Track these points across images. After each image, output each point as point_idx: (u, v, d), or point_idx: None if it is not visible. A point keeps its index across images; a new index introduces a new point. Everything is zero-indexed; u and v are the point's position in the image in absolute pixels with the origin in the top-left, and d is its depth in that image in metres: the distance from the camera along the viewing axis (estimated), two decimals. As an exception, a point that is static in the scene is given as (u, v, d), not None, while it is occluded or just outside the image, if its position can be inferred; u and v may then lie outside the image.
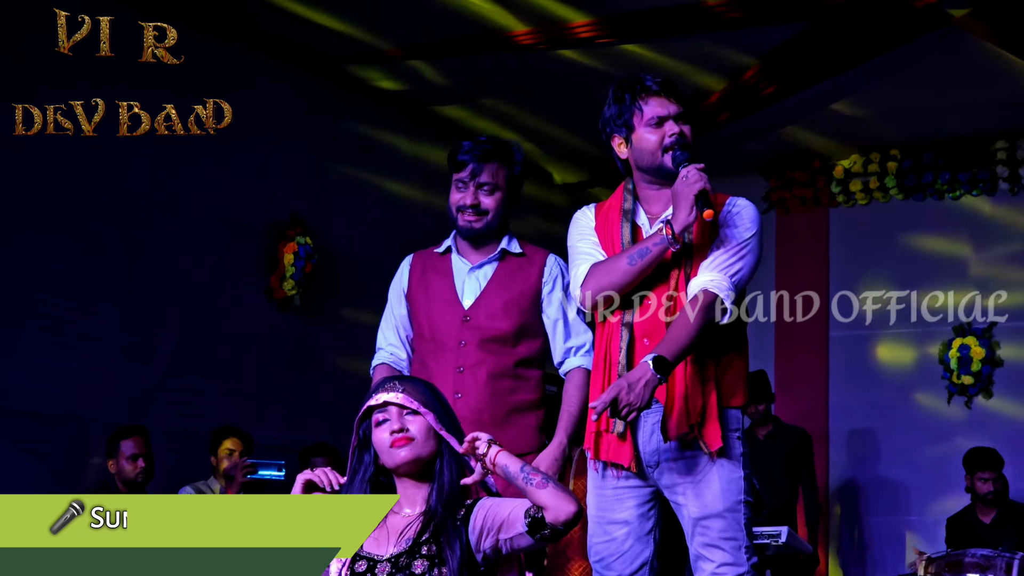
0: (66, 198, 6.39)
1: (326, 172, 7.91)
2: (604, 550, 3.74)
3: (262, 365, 7.36)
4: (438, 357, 4.12)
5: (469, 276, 4.19)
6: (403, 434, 3.15)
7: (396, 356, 4.27)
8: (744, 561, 3.61)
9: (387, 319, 4.31)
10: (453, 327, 4.12)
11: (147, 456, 6.13)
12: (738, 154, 8.80)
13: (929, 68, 7.61)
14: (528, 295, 4.16)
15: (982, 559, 6.24)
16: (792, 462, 7.79)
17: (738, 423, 3.67)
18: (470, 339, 4.10)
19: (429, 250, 4.32)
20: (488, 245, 4.20)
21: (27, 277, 6.24)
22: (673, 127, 3.67)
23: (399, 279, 4.31)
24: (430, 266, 4.25)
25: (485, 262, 4.19)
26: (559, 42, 7.29)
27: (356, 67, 7.73)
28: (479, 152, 4.13)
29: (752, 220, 3.69)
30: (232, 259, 7.24)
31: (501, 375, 4.06)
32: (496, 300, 4.14)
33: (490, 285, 4.17)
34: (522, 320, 4.13)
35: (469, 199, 4.13)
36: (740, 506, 3.62)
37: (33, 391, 6.23)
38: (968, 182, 8.86)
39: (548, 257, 4.23)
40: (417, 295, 4.22)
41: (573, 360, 4.17)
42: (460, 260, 4.22)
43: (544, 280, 4.18)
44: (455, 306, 4.15)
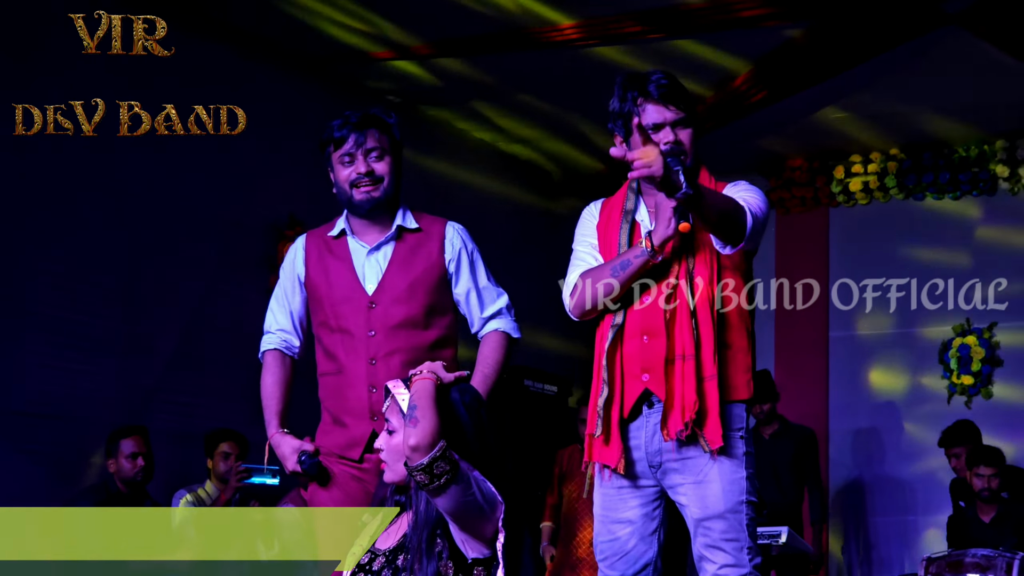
0: (66, 198, 6.38)
1: (326, 172, 7.89)
2: (608, 549, 3.74)
3: (261, 365, 7.34)
4: (348, 349, 3.95)
5: (368, 259, 4.02)
6: (379, 454, 3.15)
7: (288, 343, 4.12)
8: (746, 562, 3.60)
9: (279, 301, 4.13)
10: (360, 316, 3.95)
11: (147, 455, 6.14)
12: (738, 154, 8.80)
13: (929, 68, 7.60)
14: (433, 272, 4.00)
15: (983, 559, 6.24)
16: (798, 462, 7.75)
17: (741, 422, 3.65)
18: (379, 327, 3.93)
19: (321, 231, 4.15)
20: (382, 222, 4.03)
21: (27, 277, 6.24)
22: (668, 135, 3.66)
23: (292, 263, 4.12)
24: (326, 250, 4.08)
25: (382, 242, 4.02)
26: (551, 43, 7.29)
27: (356, 67, 7.73)
28: (355, 120, 4.03)
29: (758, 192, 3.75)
30: (232, 259, 7.23)
31: (416, 361, 3.76)
32: (400, 283, 3.97)
33: (391, 267, 3.99)
34: (430, 300, 3.98)
35: (363, 167, 4.00)
36: (742, 507, 3.60)
37: (33, 391, 6.22)
38: (968, 182, 8.86)
39: (447, 228, 4.08)
40: (317, 282, 4.04)
41: (490, 325, 4.04)
42: (356, 242, 4.06)
43: (447, 256, 4.03)
44: (358, 293, 3.98)
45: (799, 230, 9.28)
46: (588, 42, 7.24)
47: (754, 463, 3.67)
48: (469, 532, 2.97)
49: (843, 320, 9.10)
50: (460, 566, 2.99)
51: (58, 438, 6.29)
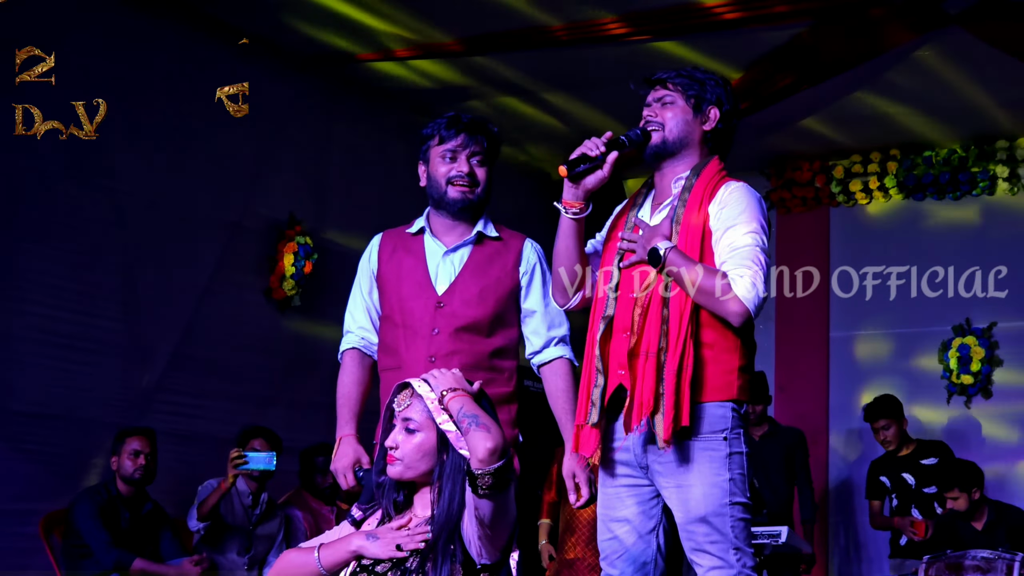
0: (66, 198, 6.38)
1: (326, 172, 7.90)
2: (607, 548, 3.74)
3: (262, 365, 7.35)
4: (409, 344, 3.95)
5: (444, 260, 4.02)
6: (392, 452, 3.10)
7: (367, 340, 4.10)
8: (734, 563, 3.55)
9: (356, 300, 4.14)
10: (426, 313, 3.95)
11: (149, 456, 6.14)
12: (738, 154, 8.77)
13: (929, 68, 7.60)
14: (505, 282, 4.01)
15: (983, 561, 6.23)
16: (788, 462, 7.80)
17: (726, 422, 3.58)
18: (443, 327, 3.93)
19: (399, 229, 4.15)
20: (464, 226, 4.04)
21: (27, 277, 6.24)
22: (647, 112, 3.80)
23: (367, 259, 4.13)
24: (401, 246, 4.08)
25: (460, 245, 4.04)
26: (547, 44, 7.29)
27: (356, 67, 7.73)
28: (468, 122, 4.04)
29: (756, 208, 3.69)
30: (232, 259, 7.23)
31: (475, 366, 3.86)
32: (472, 286, 3.98)
33: (465, 270, 4.01)
34: (497, 308, 3.98)
35: (465, 167, 4.00)
36: (727, 509, 3.54)
37: (33, 391, 6.22)
38: (968, 182, 8.86)
39: (525, 243, 4.10)
40: (387, 276, 4.05)
41: (555, 350, 4.03)
42: (434, 242, 4.06)
43: (522, 269, 4.05)
44: (427, 291, 3.99)
45: (799, 230, 9.28)
46: (580, 44, 7.23)
47: (745, 463, 3.60)
48: (491, 538, 2.98)
49: (843, 320, 9.09)
50: (468, 572, 3.00)
51: (58, 438, 6.29)
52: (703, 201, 3.65)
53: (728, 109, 3.81)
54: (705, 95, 3.76)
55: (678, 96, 3.76)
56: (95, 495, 6.06)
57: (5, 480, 6.07)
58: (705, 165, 3.75)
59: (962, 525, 7.06)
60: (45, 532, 6.03)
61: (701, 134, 3.78)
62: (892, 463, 7.71)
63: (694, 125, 3.77)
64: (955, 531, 7.05)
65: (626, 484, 3.69)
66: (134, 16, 6.57)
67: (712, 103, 3.77)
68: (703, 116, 3.77)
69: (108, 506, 6.05)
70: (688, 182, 3.71)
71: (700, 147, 3.78)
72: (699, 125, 3.78)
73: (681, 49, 7.33)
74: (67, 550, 6.02)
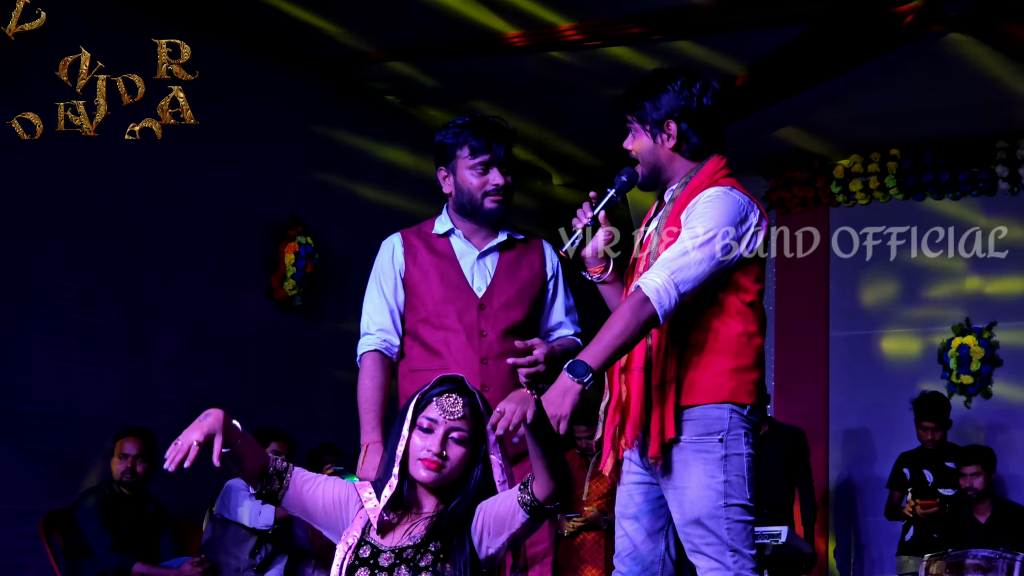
0: (67, 198, 6.38)
1: (327, 172, 7.90)
2: (619, 545, 3.75)
3: (262, 365, 7.35)
4: (455, 347, 3.95)
5: (478, 263, 4.05)
6: (437, 459, 3.02)
7: (388, 343, 4.06)
8: (731, 565, 3.51)
9: (376, 302, 4.08)
10: (469, 316, 3.97)
11: (144, 458, 6.12)
12: (738, 154, 8.76)
13: (929, 69, 7.60)
14: (536, 283, 4.08)
15: (983, 560, 6.22)
16: (788, 462, 7.80)
17: (722, 424, 3.52)
18: (490, 329, 3.96)
19: (417, 228, 4.13)
20: (488, 228, 4.06)
21: (27, 277, 6.24)
22: (626, 144, 3.77)
23: (391, 259, 4.08)
24: (428, 248, 4.07)
25: (491, 247, 4.06)
26: (550, 45, 7.30)
27: (355, 67, 7.73)
28: (495, 131, 4.04)
29: (714, 211, 3.55)
30: (232, 259, 7.23)
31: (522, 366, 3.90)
32: (508, 289, 4.02)
33: (499, 273, 4.04)
34: (532, 309, 4.05)
35: (500, 179, 4.01)
36: (722, 511, 3.51)
37: (33, 391, 6.22)
38: (968, 182, 8.86)
39: (544, 244, 4.16)
40: (418, 279, 4.03)
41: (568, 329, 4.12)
42: (465, 244, 4.06)
43: (549, 271, 4.11)
44: (466, 293, 4.00)
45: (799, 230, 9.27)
46: (588, 43, 7.24)
47: (746, 465, 3.54)
48: (512, 545, 3.02)
49: (843, 320, 9.10)
50: (475, 571, 3.01)
51: (58, 438, 6.29)
52: (680, 212, 3.61)
53: (695, 108, 3.72)
54: (659, 115, 3.68)
55: (637, 125, 3.70)
56: (99, 494, 6.06)
57: (5, 480, 6.07)
58: (696, 171, 3.69)
59: (967, 520, 7.14)
60: (45, 532, 6.03)
61: (667, 153, 3.69)
62: (919, 457, 7.72)
63: (657, 150, 3.69)
64: (960, 526, 7.12)
65: (636, 482, 3.70)
66: (135, 16, 6.57)
67: (669, 117, 3.68)
68: (663, 135, 3.68)
69: (111, 505, 6.05)
70: (674, 194, 3.67)
71: (677, 161, 3.70)
72: (662, 145, 3.69)
73: (693, 48, 7.34)
74: (67, 550, 6.02)
